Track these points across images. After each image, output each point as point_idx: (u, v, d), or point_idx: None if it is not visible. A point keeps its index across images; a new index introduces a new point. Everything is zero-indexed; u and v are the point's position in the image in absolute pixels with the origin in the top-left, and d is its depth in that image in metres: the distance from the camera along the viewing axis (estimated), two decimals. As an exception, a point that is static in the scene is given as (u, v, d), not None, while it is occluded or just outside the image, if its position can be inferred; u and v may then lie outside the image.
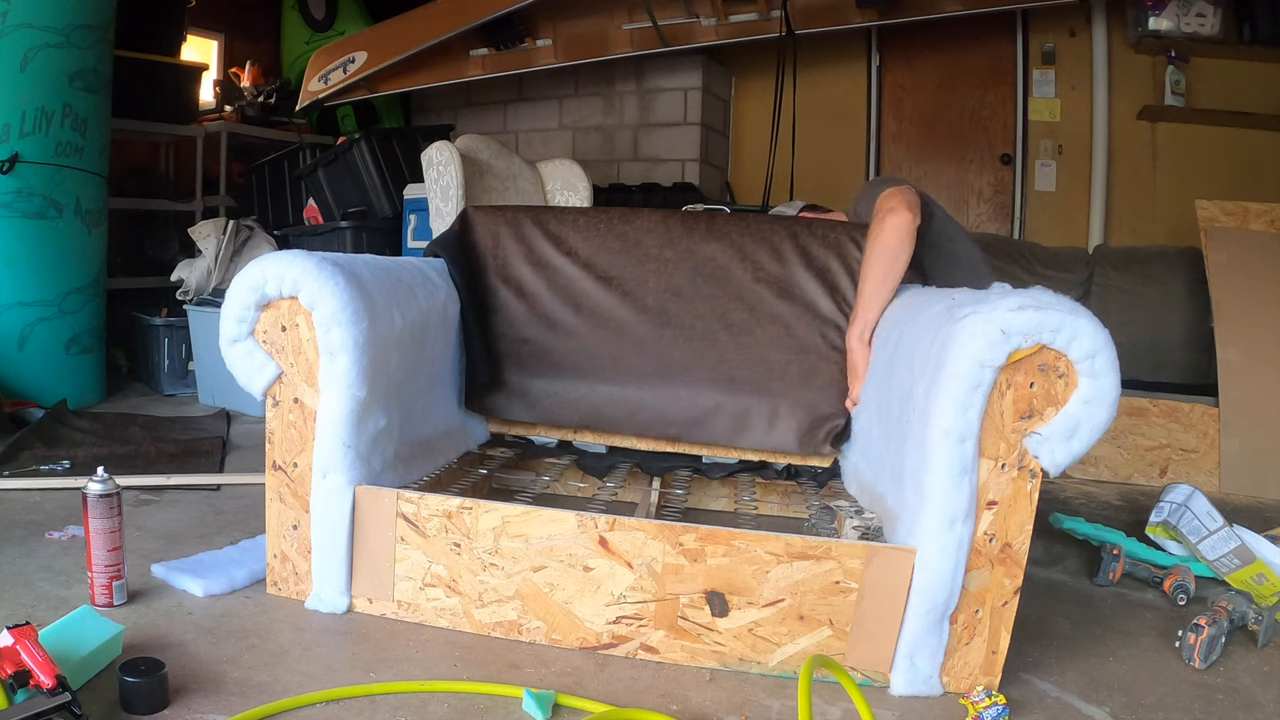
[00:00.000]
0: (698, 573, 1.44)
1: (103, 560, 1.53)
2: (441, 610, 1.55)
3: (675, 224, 2.22)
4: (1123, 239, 4.16)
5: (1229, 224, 3.11)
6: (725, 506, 2.16)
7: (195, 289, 3.65)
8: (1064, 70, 4.27)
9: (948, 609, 1.36)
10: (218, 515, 2.10)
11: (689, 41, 4.28)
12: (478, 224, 2.25)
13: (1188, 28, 3.93)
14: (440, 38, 4.09)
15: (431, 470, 1.88)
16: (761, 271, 2.15)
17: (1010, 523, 1.36)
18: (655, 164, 4.65)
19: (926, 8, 3.96)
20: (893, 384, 1.66)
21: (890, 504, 1.58)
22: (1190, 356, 3.14)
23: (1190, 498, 1.97)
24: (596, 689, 1.36)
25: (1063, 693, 1.43)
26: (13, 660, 1.14)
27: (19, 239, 3.04)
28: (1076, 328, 1.28)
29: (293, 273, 1.53)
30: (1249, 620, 1.65)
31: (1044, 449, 1.32)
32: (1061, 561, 2.08)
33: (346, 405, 1.55)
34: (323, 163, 3.89)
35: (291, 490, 1.61)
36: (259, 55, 5.08)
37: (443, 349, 2.02)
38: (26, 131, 2.99)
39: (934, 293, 1.75)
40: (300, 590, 1.63)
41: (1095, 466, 2.96)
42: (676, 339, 2.16)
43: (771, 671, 1.43)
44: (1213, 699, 1.43)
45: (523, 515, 1.50)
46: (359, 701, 1.28)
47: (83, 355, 3.30)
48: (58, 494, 2.17)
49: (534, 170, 3.32)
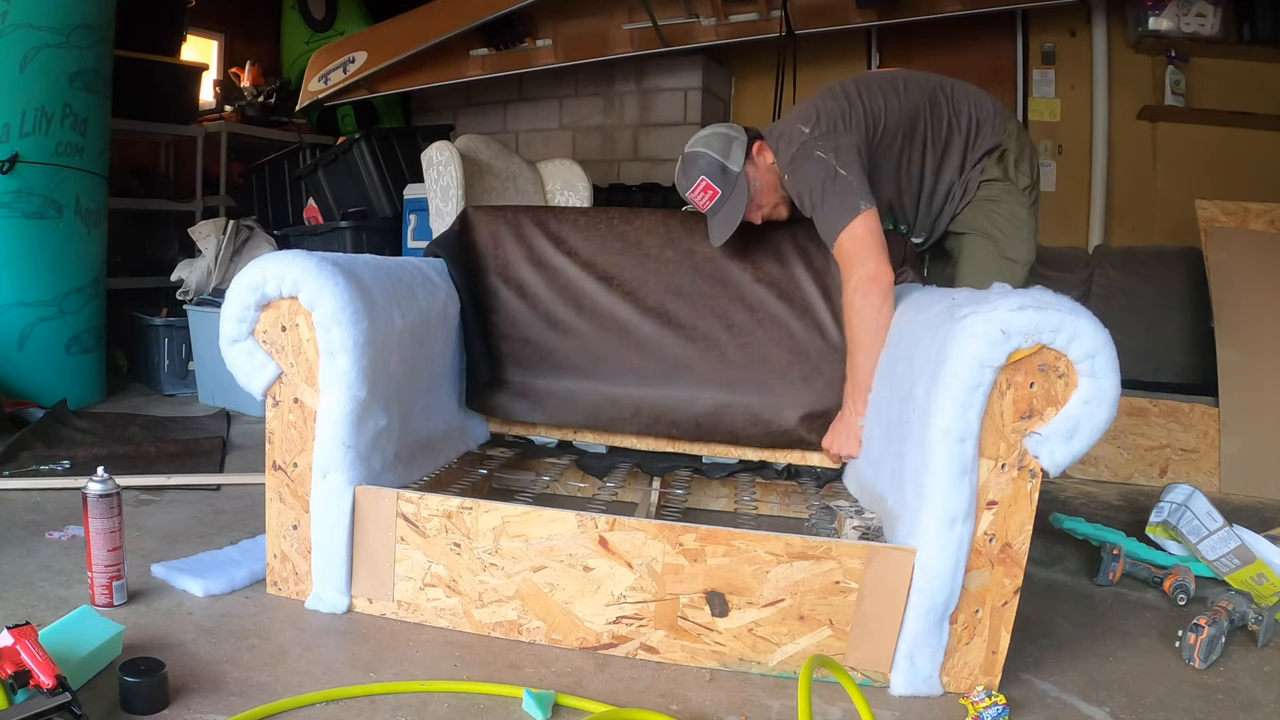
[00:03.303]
0: (698, 573, 1.44)
1: (103, 560, 1.53)
2: (441, 610, 1.55)
3: (675, 224, 2.22)
4: (1123, 239, 4.15)
5: (1229, 224, 3.11)
6: (725, 506, 2.16)
7: (195, 289, 3.65)
8: (1064, 70, 4.27)
9: (948, 609, 1.36)
10: (218, 515, 2.10)
11: (689, 41, 4.28)
12: (478, 224, 2.25)
13: (1188, 28, 3.93)
14: (440, 38, 4.09)
15: (431, 470, 1.88)
16: (762, 272, 2.15)
17: (1010, 523, 1.36)
18: (655, 164, 4.65)
19: (926, 8, 3.96)
20: (893, 384, 1.66)
21: (890, 504, 1.58)
22: (1190, 356, 3.13)
23: (1190, 498, 1.97)
24: (596, 689, 1.36)
25: (1063, 693, 1.43)
26: (13, 660, 1.14)
27: (19, 239, 3.04)
28: (1076, 328, 1.28)
29: (293, 273, 1.53)
30: (1249, 620, 1.65)
31: (1044, 449, 1.32)
32: (1061, 561, 2.08)
33: (346, 405, 1.55)
34: (323, 163, 3.89)
35: (291, 490, 1.61)
36: (259, 55, 5.08)
37: (443, 349, 2.02)
38: (26, 131, 2.99)
39: (934, 292, 1.75)
40: (300, 590, 1.63)
41: (1095, 466, 2.96)
42: (678, 339, 2.16)
43: (771, 671, 1.43)
44: (1213, 699, 1.43)
45: (523, 515, 1.50)
46: (359, 701, 1.28)
47: (83, 355, 3.30)
48: (58, 494, 2.17)
49: (534, 170, 3.32)
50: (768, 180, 2.01)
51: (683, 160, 2.03)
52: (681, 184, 2.03)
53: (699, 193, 1.99)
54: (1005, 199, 2.10)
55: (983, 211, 2.11)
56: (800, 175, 1.93)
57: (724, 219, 1.99)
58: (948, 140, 2.08)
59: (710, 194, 1.98)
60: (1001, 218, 2.11)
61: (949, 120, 2.08)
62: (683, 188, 2.03)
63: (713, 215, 2.01)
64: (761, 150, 2.01)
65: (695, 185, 1.99)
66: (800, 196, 1.96)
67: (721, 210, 1.99)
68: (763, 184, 2.01)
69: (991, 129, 2.08)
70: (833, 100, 2.01)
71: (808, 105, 2.05)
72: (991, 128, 2.08)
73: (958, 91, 2.11)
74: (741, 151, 1.98)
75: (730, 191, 1.97)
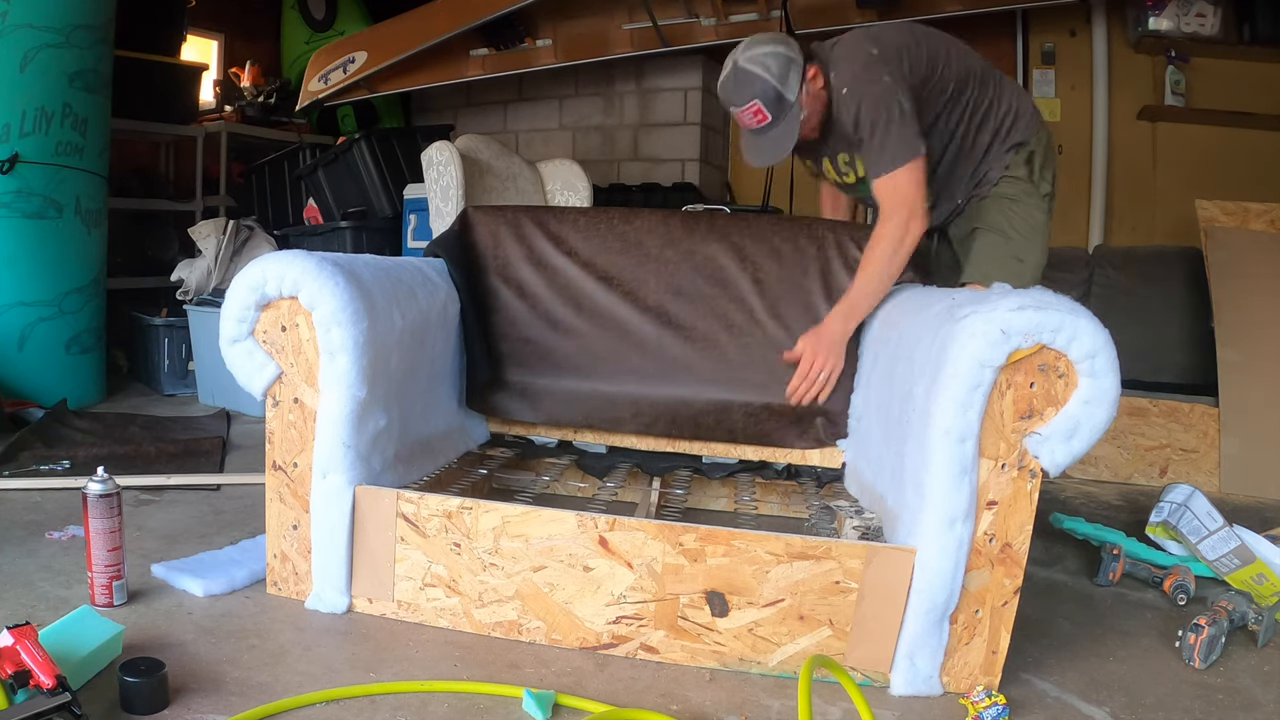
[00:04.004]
0: (698, 573, 1.44)
1: (103, 560, 1.53)
2: (441, 610, 1.55)
3: (675, 224, 2.22)
4: (1123, 239, 4.15)
5: (1229, 224, 3.11)
6: (725, 506, 2.16)
7: (195, 289, 3.65)
8: (1064, 70, 4.26)
9: (948, 609, 1.36)
10: (218, 515, 2.10)
11: (689, 41, 4.28)
12: (478, 224, 2.25)
13: (1188, 28, 3.92)
14: (440, 38, 4.09)
15: (431, 470, 1.88)
16: (761, 272, 2.15)
17: (1010, 523, 1.36)
18: (655, 164, 4.65)
19: (926, 8, 3.95)
20: (893, 384, 1.66)
21: (890, 504, 1.58)
22: (1190, 356, 3.13)
23: (1190, 498, 1.97)
24: (596, 689, 1.36)
25: (1063, 693, 1.43)
26: (13, 660, 1.13)
27: (19, 239, 3.04)
28: (1076, 328, 1.28)
29: (293, 273, 1.53)
30: (1249, 620, 1.65)
31: (1044, 449, 1.32)
32: (1061, 561, 2.08)
33: (346, 405, 1.55)
34: (323, 163, 3.89)
35: (291, 490, 1.61)
36: (259, 55, 5.08)
37: (443, 349, 2.02)
38: (26, 131, 2.99)
39: (934, 292, 1.75)
40: (300, 590, 1.63)
41: (1095, 466, 2.96)
42: (678, 339, 2.16)
43: (771, 671, 1.43)
44: (1213, 699, 1.43)
45: (523, 515, 1.50)
46: (359, 701, 1.28)
47: (83, 355, 3.30)
48: (58, 494, 2.17)
49: (534, 170, 3.32)
50: (813, 107, 1.99)
51: (735, 72, 1.94)
52: (730, 97, 1.96)
53: (748, 113, 1.94)
54: (1025, 200, 2.10)
55: (1000, 209, 2.10)
56: (864, 98, 1.90)
57: (768, 147, 1.96)
58: (985, 117, 2.09)
59: (760, 119, 1.94)
60: (1019, 218, 2.09)
61: (991, 100, 2.09)
62: (729, 101, 1.96)
63: (755, 136, 1.97)
64: (816, 76, 1.97)
65: (747, 106, 1.93)
66: (858, 120, 1.91)
67: (766, 136, 1.95)
68: (809, 111, 1.98)
69: (1026, 125, 2.10)
70: (897, 34, 2.01)
71: (870, 32, 2.03)
72: (1026, 124, 2.11)
73: (1005, 81, 2.15)
74: (798, 78, 1.93)
75: (780, 121, 1.93)
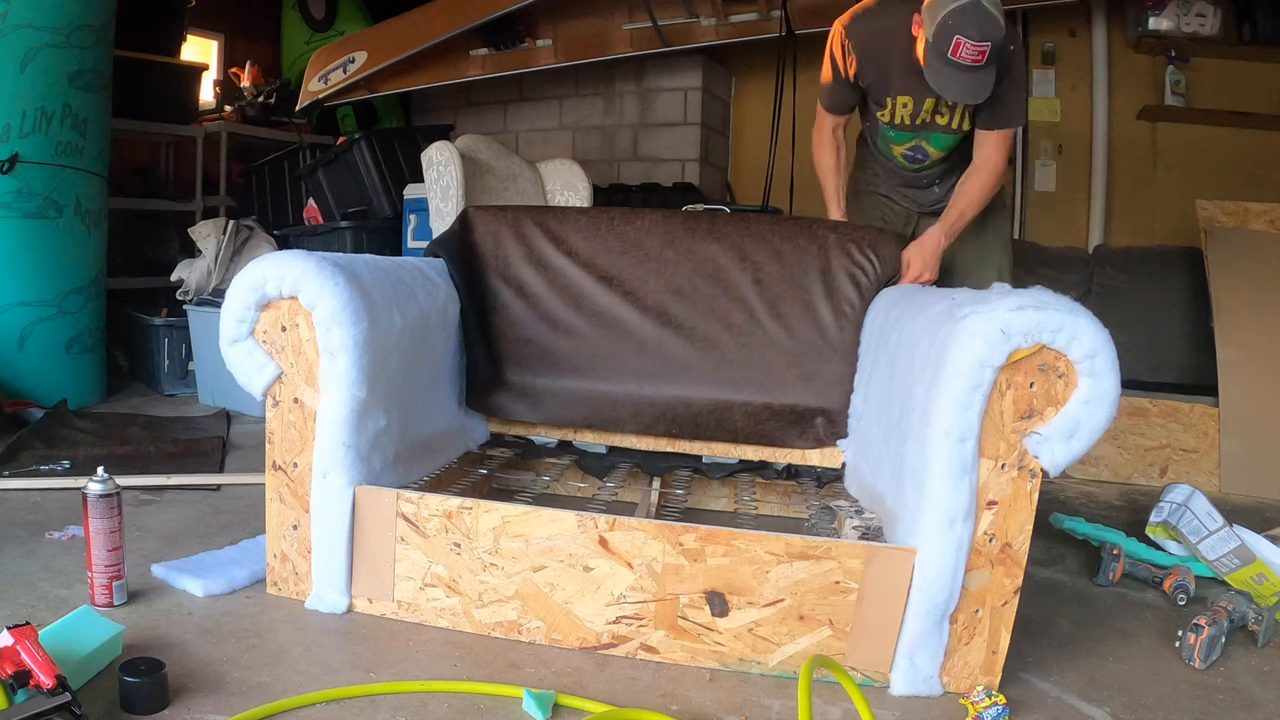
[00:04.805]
0: (698, 573, 1.44)
1: (103, 560, 1.53)
2: (441, 610, 1.55)
3: (675, 224, 2.22)
4: (1123, 239, 4.15)
5: (1229, 224, 3.11)
6: (725, 506, 2.16)
7: (195, 289, 3.65)
8: (1064, 70, 4.26)
9: (948, 609, 1.36)
10: (218, 515, 2.10)
11: (689, 41, 4.28)
12: (478, 224, 2.25)
13: (1188, 28, 3.93)
14: (440, 38, 4.08)
15: (431, 470, 1.88)
16: (762, 272, 2.15)
17: (1010, 523, 1.36)
18: (655, 164, 4.65)
19: (926, 8, 3.95)
20: (893, 384, 1.66)
21: (890, 504, 1.58)
22: (1190, 356, 3.14)
23: (1190, 498, 1.97)
24: (596, 689, 1.36)
25: (1063, 693, 1.43)
26: (13, 660, 1.13)
27: (19, 239, 3.04)
28: (1076, 327, 1.28)
29: (293, 273, 1.53)
30: (1249, 620, 1.65)
31: (1044, 449, 1.32)
32: (1061, 561, 2.08)
33: (346, 405, 1.55)
34: (323, 163, 3.88)
35: (291, 490, 1.61)
36: (259, 55, 5.08)
37: (443, 349, 2.02)
38: (26, 131, 2.98)
39: (934, 292, 1.75)
40: (300, 590, 1.63)
41: (1095, 466, 2.96)
42: (678, 339, 2.16)
43: (771, 671, 1.43)
44: (1213, 699, 1.43)
45: (523, 515, 1.50)
46: (359, 701, 1.28)
47: (83, 355, 3.30)
48: (58, 494, 2.17)
49: (534, 170, 3.32)
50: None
51: (979, 10, 1.90)
52: (960, 27, 1.90)
53: (974, 49, 1.91)
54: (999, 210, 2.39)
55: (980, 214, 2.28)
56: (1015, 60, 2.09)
57: (969, 85, 1.99)
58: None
59: (978, 59, 1.93)
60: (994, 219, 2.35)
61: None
62: (957, 27, 1.90)
63: (958, 71, 1.96)
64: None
65: (978, 45, 1.90)
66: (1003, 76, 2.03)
67: (973, 75, 1.97)
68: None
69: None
70: None
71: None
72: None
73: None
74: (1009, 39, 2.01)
75: (990, 65, 1.96)
